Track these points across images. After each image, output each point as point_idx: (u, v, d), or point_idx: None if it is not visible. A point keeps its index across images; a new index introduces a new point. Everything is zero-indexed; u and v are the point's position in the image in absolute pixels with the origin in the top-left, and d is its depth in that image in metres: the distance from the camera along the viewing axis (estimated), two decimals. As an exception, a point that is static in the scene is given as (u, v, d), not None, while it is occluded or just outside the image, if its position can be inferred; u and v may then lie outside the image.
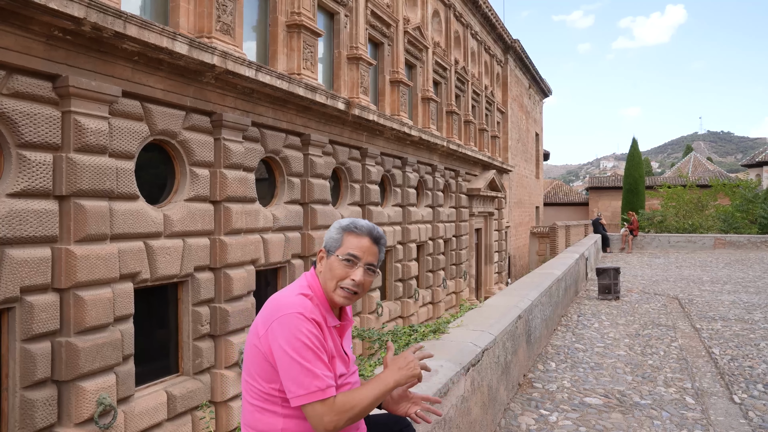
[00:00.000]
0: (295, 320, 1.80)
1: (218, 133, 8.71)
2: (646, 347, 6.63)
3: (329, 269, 1.96)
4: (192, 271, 8.18)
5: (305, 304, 1.86)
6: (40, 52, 6.12)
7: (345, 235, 1.98)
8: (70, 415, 6.30)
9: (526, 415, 4.42)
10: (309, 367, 1.76)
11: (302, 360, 1.77)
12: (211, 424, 7.85)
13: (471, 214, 21.73)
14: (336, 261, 1.96)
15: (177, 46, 7.41)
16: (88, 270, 6.48)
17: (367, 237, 1.99)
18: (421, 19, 17.59)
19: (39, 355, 6.05)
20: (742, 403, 4.72)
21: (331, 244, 1.99)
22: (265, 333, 1.83)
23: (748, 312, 8.83)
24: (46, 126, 6.23)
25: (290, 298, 1.88)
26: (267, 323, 1.84)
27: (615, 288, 10.16)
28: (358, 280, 1.95)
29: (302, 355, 1.77)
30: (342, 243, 1.97)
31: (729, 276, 13.73)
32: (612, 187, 43.20)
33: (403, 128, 14.83)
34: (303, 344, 1.78)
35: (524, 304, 5.63)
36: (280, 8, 10.58)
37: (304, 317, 1.82)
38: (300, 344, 1.77)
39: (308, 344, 1.78)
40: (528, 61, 32.00)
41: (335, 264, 1.95)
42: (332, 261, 1.96)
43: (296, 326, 1.79)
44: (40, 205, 6.17)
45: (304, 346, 1.78)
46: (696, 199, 30.80)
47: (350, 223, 2.00)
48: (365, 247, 1.97)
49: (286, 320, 1.80)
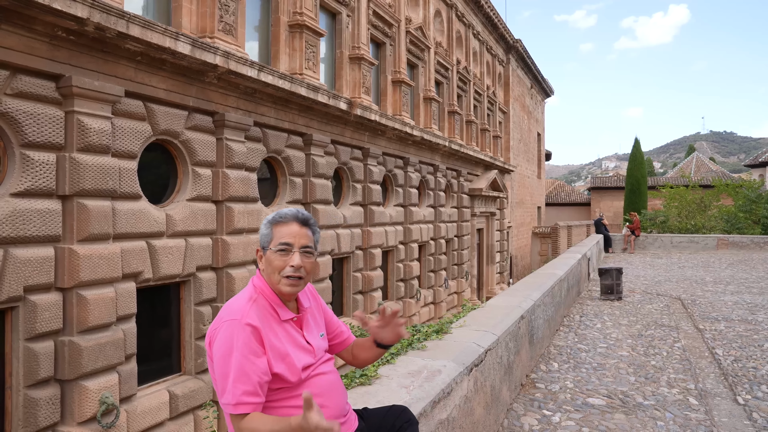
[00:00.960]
0: (228, 329, 1.84)
1: (220, 133, 8.71)
2: (649, 348, 6.62)
3: (268, 264, 1.99)
4: (194, 270, 8.19)
5: (243, 309, 1.89)
6: (44, 52, 6.13)
7: (273, 227, 2.01)
8: (73, 414, 6.31)
9: (528, 415, 4.42)
10: (232, 375, 1.79)
11: (223, 372, 1.80)
12: (214, 424, 7.85)
13: (473, 214, 21.72)
14: (271, 254, 1.98)
15: (179, 46, 7.41)
16: (90, 269, 6.48)
17: (294, 222, 2.01)
18: (422, 19, 17.59)
19: (42, 354, 6.06)
20: (746, 404, 4.71)
21: (264, 241, 2.01)
22: (208, 342, 1.90)
23: (752, 313, 8.81)
24: (49, 126, 6.24)
25: (232, 305, 1.92)
26: (211, 333, 1.90)
27: (617, 288, 10.15)
28: (297, 264, 1.96)
29: (224, 367, 1.80)
30: (273, 236, 1.99)
31: (732, 276, 13.71)
32: (614, 188, 43.16)
33: (405, 128, 14.83)
34: (229, 354, 1.80)
35: (527, 304, 5.63)
36: (282, 8, 10.58)
37: (238, 323, 1.84)
38: (227, 354, 1.80)
39: (235, 353, 1.80)
40: (530, 61, 31.98)
41: (272, 257, 1.98)
42: (268, 255, 1.99)
43: (228, 335, 1.83)
44: (44, 205, 6.18)
45: (230, 356, 1.80)
46: (699, 199, 30.74)
47: (275, 215, 2.04)
48: (295, 232, 1.99)
49: (222, 329, 1.85)
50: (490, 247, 24.71)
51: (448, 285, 19.03)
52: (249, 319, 1.87)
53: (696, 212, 30.36)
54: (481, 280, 24.13)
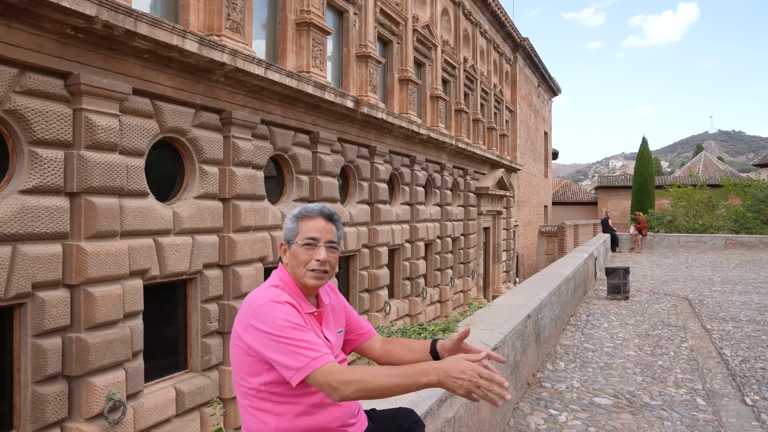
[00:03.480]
0: (268, 307, 1.84)
1: (227, 131, 8.73)
2: (656, 348, 6.59)
3: (294, 258, 2.00)
4: (201, 268, 8.21)
5: (275, 293, 1.90)
6: (52, 50, 6.16)
7: (299, 222, 2.02)
8: (80, 410, 6.35)
9: (535, 414, 4.41)
10: (296, 343, 1.77)
11: (288, 338, 1.78)
12: (221, 421, 7.88)
13: (479, 213, 21.68)
14: (297, 248, 2.00)
15: (187, 44, 7.43)
16: (98, 266, 6.51)
17: (320, 217, 2.03)
18: (430, 18, 17.55)
19: (50, 350, 6.10)
20: (755, 405, 4.68)
21: (289, 235, 2.03)
22: (244, 330, 1.86)
23: (760, 313, 8.75)
24: (57, 123, 6.27)
25: (261, 292, 1.93)
26: (244, 321, 1.87)
27: (624, 288, 10.11)
28: (323, 259, 1.98)
29: (287, 334, 1.78)
30: (298, 230, 2.01)
31: (740, 276, 13.62)
32: (621, 187, 42.98)
33: (412, 126, 14.81)
34: (283, 326, 1.79)
35: (533, 303, 5.61)
36: (290, 6, 10.59)
37: (276, 302, 1.85)
38: (281, 326, 1.79)
39: (289, 324, 1.80)
40: (537, 59, 31.87)
41: (298, 251, 1.99)
42: (294, 249, 2.01)
43: (273, 312, 1.82)
44: (52, 202, 6.21)
45: (286, 326, 1.79)
46: (706, 198, 30.56)
47: (301, 210, 2.05)
48: (321, 227, 2.01)
49: (261, 311, 1.84)
50: (497, 245, 24.66)
51: (454, 283, 19.01)
52: (285, 299, 1.89)
53: (704, 212, 30.18)
54: (487, 278, 24.09)
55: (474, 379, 1.64)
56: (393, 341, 2.25)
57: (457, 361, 1.69)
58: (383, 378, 1.71)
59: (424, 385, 1.69)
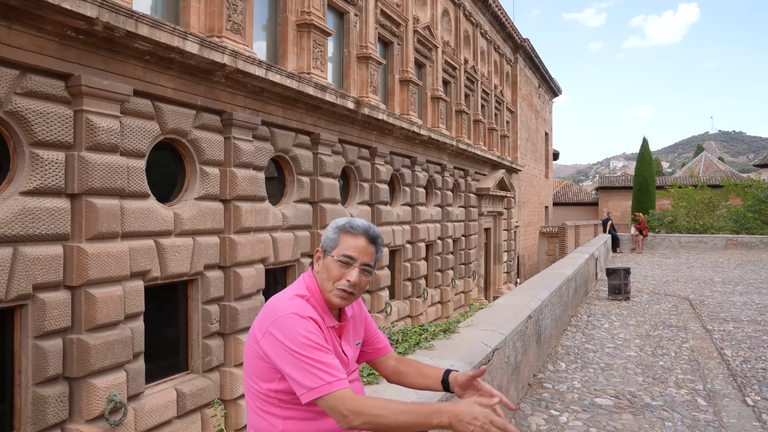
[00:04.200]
0: (291, 320, 1.80)
1: (228, 132, 8.74)
2: (657, 348, 6.58)
3: (326, 269, 1.95)
4: (202, 269, 8.21)
5: (300, 305, 1.86)
6: (53, 52, 6.16)
7: (341, 235, 1.96)
8: (81, 412, 6.35)
9: (536, 415, 4.40)
10: (313, 363, 1.74)
11: (306, 356, 1.75)
12: (222, 422, 7.88)
13: (480, 214, 21.68)
14: (332, 261, 1.94)
15: (188, 45, 7.44)
16: (99, 268, 6.52)
17: (363, 237, 1.96)
18: (430, 19, 17.56)
19: (51, 351, 6.10)
20: (756, 406, 4.68)
21: (328, 245, 1.97)
22: (263, 336, 1.84)
23: (761, 313, 8.74)
24: (58, 125, 6.28)
25: (285, 301, 1.88)
26: (264, 327, 1.84)
27: (625, 288, 10.10)
28: (353, 281, 1.93)
29: (305, 352, 1.75)
30: (338, 243, 1.95)
31: (741, 277, 13.61)
32: (622, 187, 42.97)
33: (413, 127, 14.82)
34: (303, 343, 1.76)
35: (534, 304, 5.61)
36: (290, 7, 10.60)
37: (299, 317, 1.81)
38: (301, 342, 1.76)
39: (309, 342, 1.77)
40: (538, 60, 31.88)
41: (331, 264, 1.94)
42: (328, 261, 1.95)
43: (294, 325, 1.79)
44: (53, 203, 6.22)
45: (305, 344, 1.76)
46: (707, 199, 30.56)
47: (347, 223, 1.98)
48: (361, 248, 1.95)
49: (283, 321, 1.80)
50: (498, 246, 24.66)
51: (455, 284, 19.00)
52: (309, 313, 1.85)
53: (704, 212, 30.18)
54: (488, 279, 24.09)
55: (486, 427, 1.63)
56: (406, 362, 2.23)
57: (470, 406, 1.68)
58: (397, 415, 1.68)
59: (435, 426, 1.68)
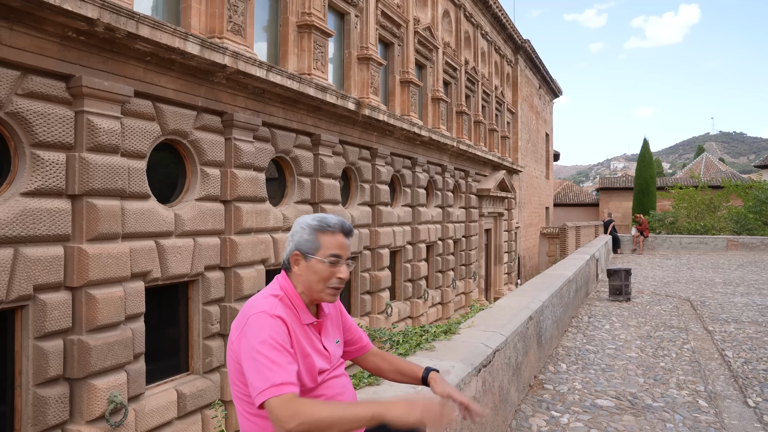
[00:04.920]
0: (259, 319, 1.80)
1: (229, 133, 8.74)
2: (658, 349, 6.58)
3: (313, 272, 1.94)
4: (202, 270, 8.22)
5: (271, 304, 1.86)
6: (54, 53, 6.17)
7: (319, 235, 1.95)
8: (82, 413, 6.35)
9: (537, 416, 4.40)
10: (267, 362, 1.72)
11: (261, 356, 1.73)
12: (222, 423, 7.88)
13: (481, 215, 21.67)
14: (318, 263, 1.94)
15: (189, 46, 7.44)
16: (100, 268, 6.52)
17: (341, 233, 1.99)
18: (431, 20, 17.57)
19: (51, 352, 6.10)
20: (757, 407, 4.67)
21: (307, 247, 1.95)
22: (236, 337, 1.84)
23: (762, 314, 8.73)
24: (59, 126, 6.29)
25: (258, 300, 1.89)
26: (238, 328, 1.85)
27: (626, 289, 10.09)
28: (345, 277, 1.96)
29: (262, 352, 1.73)
30: (320, 244, 1.95)
31: (742, 278, 13.60)
32: (623, 188, 42.92)
33: (413, 128, 14.82)
34: (263, 341, 1.75)
35: (535, 305, 5.61)
36: (291, 8, 10.60)
37: (268, 315, 1.81)
38: (260, 341, 1.75)
39: (269, 341, 1.75)
40: (538, 61, 31.88)
41: (318, 266, 1.94)
42: (314, 264, 1.94)
43: (259, 325, 1.79)
44: (53, 204, 6.22)
45: (266, 341, 1.75)
46: (708, 200, 30.53)
47: (321, 222, 1.97)
48: (342, 244, 1.97)
49: (252, 321, 1.81)
50: (498, 247, 24.65)
51: (456, 285, 18.99)
52: (277, 312, 1.85)
53: (705, 213, 30.15)
54: (489, 280, 24.07)
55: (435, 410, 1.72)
56: (384, 358, 2.27)
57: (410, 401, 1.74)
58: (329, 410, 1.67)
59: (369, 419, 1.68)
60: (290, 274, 2.00)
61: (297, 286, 1.98)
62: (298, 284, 1.98)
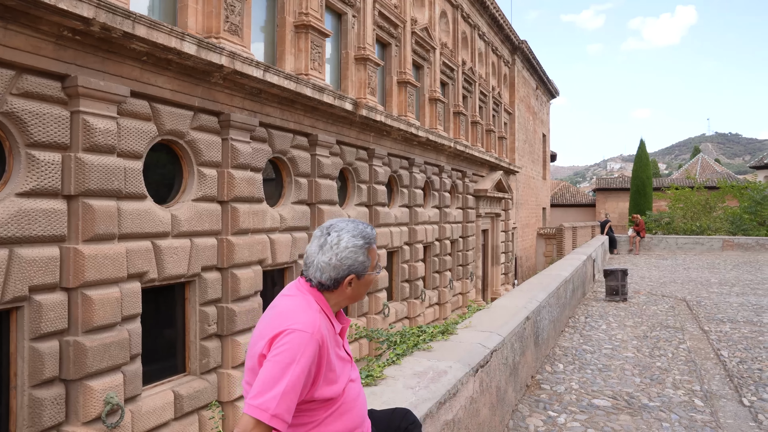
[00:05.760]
0: (302, 339, 1.76)
1: (226, 134, 8.73)
2: (654, 349, 6.59)
3: (365, 285, 1.99)
4: (199, 270, 8.20)
5: (313, 320, 1.83)
6: (50, 52, 6.15)
7: (368, 252, 1.97)
8: (78, 414, 6.33)
9: (534, 416, 4.40)
10: (283, 384, 1.70)
11: (284, 376, 1.71)
12: (219, 424, 7.86)
13: (478, 215, 21.69)
14: (371, 276, 1.99)
15: (185, 46, 7.43)
16: (96, 269, 6.50)
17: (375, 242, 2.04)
18: (428, 20, 17.58)
19: (47, 353, 6.08)
20: (752, 406, 4.68)
21: (362, 267, 1.95)
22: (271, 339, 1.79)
23: (757, 314, 8.76)
24: (55, 126, 6.26)
25: (306, 314, 1.84)
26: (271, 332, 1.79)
27: (622, 290, 10.11)
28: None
29: (286, 372, 1.71)
30: (371, 260, 1.98)
31: (737, 278, 13.64)
32: (619, 189, 43.01)
33: (411, 129, 14.82)
34: (296, 362, 1.73)
35: (532, 305, 5.61)
36: (288, 9, 10.59)
37: (311, 336, 1.78)
38: (294, 362, 1.73)
39: (301, 365, 1.73)
40: (535, 62, 31.93)
41: (371, 278, 2.00)
42: (369, 278, 1.99)
43: (299, 344, 1.75)
44: (49, 205, 6.20)
45: (296, 365, 1.73)
46: (704, 200, 30.59)
47: (365, 239, 1.96)
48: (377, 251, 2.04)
49: (293, 338, 1.76)
50: (495, 247, 24.67)
51: (453, 286, 19.00)
52: (319, 335, 1.82)
53: (701, 214, 30.21)
54: (486, 280, 24.09)
55: None
56: None
57: None
58: None
59: None
60: (331, 292, 1.96)
61: (331, 300, 1.96)
62: (336, 298, 1.96)
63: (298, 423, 1.85)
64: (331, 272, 1.92)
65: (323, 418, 1.87)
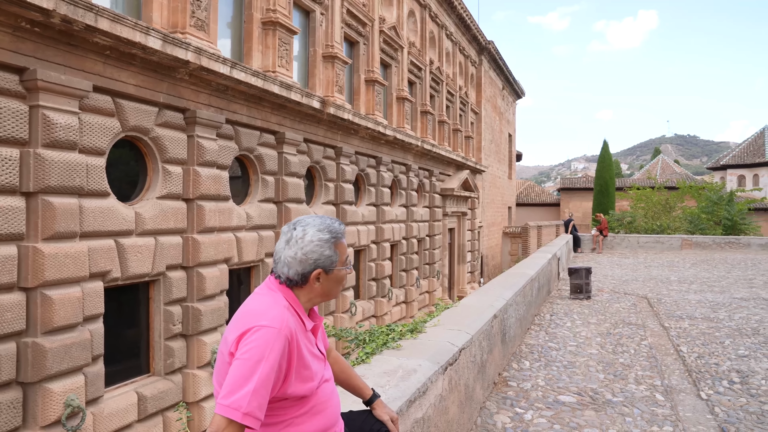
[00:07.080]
0: (269, 336, 1.73)
1: (192, 130, 8.58)
2: (617, 346, 6.75)
3: (335, 281, 1.95)
4: (164, 269, 8.05)
5: (282, 316, 1.80)
6: (7, 44, 5.94)
7: (335, 246, 1.94)
8: (36, 418, 6.14)
9: (501, 413, 4.46)
10: (254, 382, 1.67)
11: (254, 374, 1.68)
12: (186, 425, 7.73)
13: (444, 214, 21.84)
14: (341, 272, 1.96)
15: (150, 41, 7.28)
16: (56, 268, 6.32)
17: (344, 237, 2.02)
18: (396, 19, 17.61)
19: (4, 356, 5.88)
20: (709, 399, 4.84)
21: (329, 262, 1.92)
22: (235, 340, 1.75)
23: (714, 311, 9.05)
24: (12, 120, 6.06)
25: (268, 310, 1.81)
26: (239, 330, 1.76)
27: (586, 288, 10.32)
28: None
29: (256, 370, 1.68)
30: (338, 255, 1.95)
31: (695, 276, 14.07)
32: (583, 189, 43.88)
33: (378, 127, 14.83)
34: (266, 360, 1.70)
35: (499, 303, 5.68)
36: (256, 5, 10.48)
37: (279, 332, 1.75)
38: (263, 358, 1.70)
39: (270, 362, 1.71)
40: (502, 62, 32.32)
41: (342, 273, 1.97)
42: (335, 274, 1.95)
43: (266, 341, 1.72)
44: (6, 202, 5.99)
45: (266, 363, 1.70)
46: (664, 200, 31.47)
47: (332, 234, 1.93)
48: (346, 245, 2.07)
49: (262, 334, 1.73)
50: (462, 246, 24.89)
51: (419, 284, 19.10)
52: (287, 331, 1.79)
53: (661, 213, 31.08)
54: (452, 279, 24.29)
55: None
56: (336, 359, 2.27)
57: None
58: None
59: None
60: (300, 288, 1.93)
61: (301, 296, 1.93)
62: (306, 295, 1.94)
63: (270, 422, 1.83)
64: (297, 267, 1.89)
65: (296, 417, 1.85)
